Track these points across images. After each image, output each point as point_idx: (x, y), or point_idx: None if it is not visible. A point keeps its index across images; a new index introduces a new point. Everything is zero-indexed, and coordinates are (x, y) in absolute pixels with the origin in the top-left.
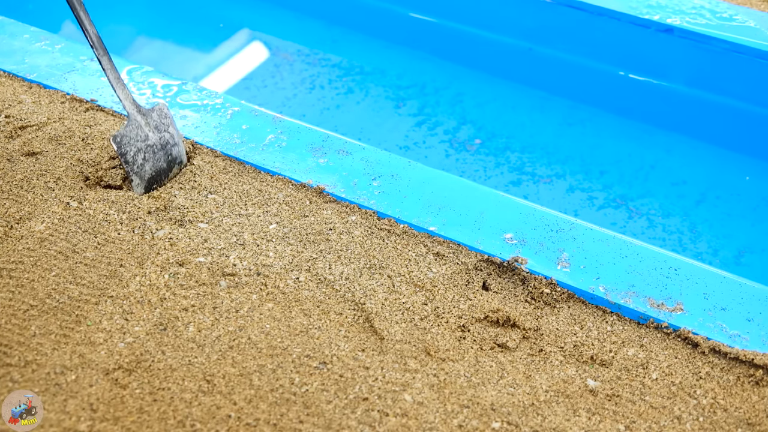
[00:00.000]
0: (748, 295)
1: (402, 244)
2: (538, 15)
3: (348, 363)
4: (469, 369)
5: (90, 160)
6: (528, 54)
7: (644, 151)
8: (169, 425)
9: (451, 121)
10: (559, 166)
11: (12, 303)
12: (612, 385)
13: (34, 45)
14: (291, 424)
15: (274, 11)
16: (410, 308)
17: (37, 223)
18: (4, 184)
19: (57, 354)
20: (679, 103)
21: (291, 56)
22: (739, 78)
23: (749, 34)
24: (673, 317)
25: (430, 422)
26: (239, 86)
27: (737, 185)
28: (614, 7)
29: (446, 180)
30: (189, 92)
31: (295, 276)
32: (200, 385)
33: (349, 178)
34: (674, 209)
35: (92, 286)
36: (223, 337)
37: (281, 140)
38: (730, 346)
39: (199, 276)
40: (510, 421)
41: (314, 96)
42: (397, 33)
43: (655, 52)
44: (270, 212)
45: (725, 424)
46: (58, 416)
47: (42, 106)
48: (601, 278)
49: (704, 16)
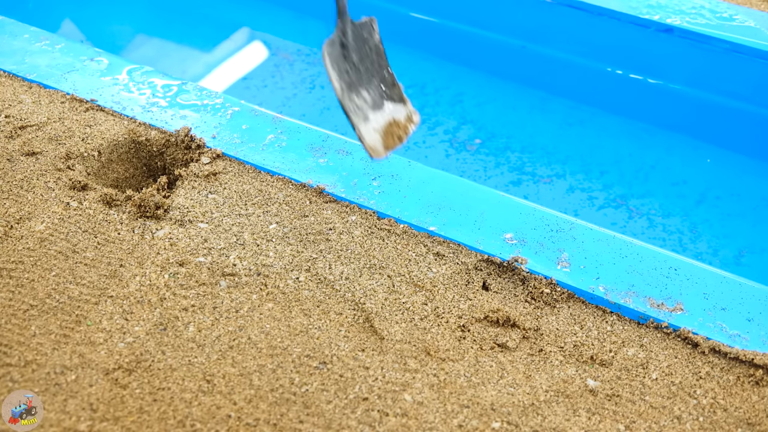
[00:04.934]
0: (748, 295)
1: (402, 244)
2: (538, 15)
3: (348, 363)
4: (469, 369)
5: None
6: (526, 53)
7: (644, 151)
8: (169, 425)
9: (451, 121)
10: (559, 166)
11: (12, 303)
12: (612, 385)
13: (34, 45)
14: (291, 424)
15: (274, 11)
16: (410, 308)
17: (37, 223)
18: (4, 184)
19: (57, 354)
20: (679, 103)
21: (291, 56)
22: (739, 78)
23: (749, 34)
24: (673, 317)
25: (430, 422)
26: (239, 86)
27: (737, 185)
28: (614, 7)
29: (446, 180)
30: (189, 92)
31: (295, 276)
32: (200, 385)
33: (349, 178)
34: (674, 209)
35: (92, 286)
36: (223, 337)
37: (281, 140)
38: (730, 346)
39: (199, 276)
40: (510, 421)
41: (314, 96)
42: (397, 33)
43: (655, 52)
44: (270, 212)
45: (725, 424)
46: (58, 416)
47: (42, 106)
48: (601, 278)
49: (704, 16)
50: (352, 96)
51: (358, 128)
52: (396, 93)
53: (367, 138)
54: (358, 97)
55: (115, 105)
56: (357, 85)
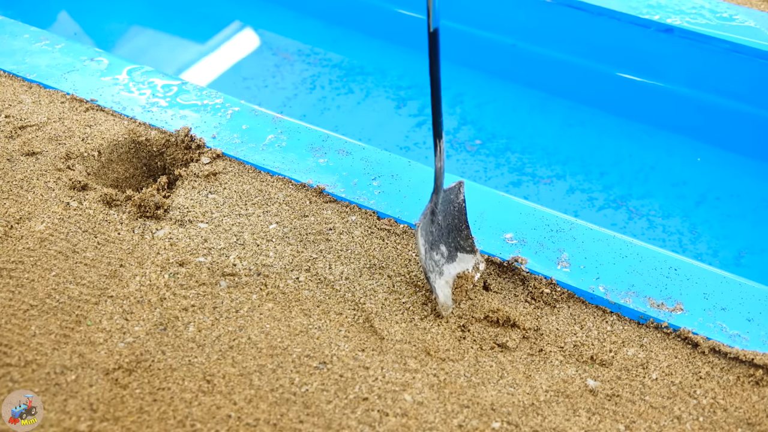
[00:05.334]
0: (748, 295)
1: (402, 244)
2: (538, 15)
3: (348, 363)
4: (469, 369)
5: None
6: (526, 53)
7: (644, 151)
8: (169, 425)
9: (451, 122)
10: (560, 167)
11: (12, 303)
12: (612, 385)
13: (34, 45)
14: (291, 424)
15: (274, 11)
16: (410, 308)
17: (37, 223)
18: (4, 184)
19: (57, 354)
20: (679, 104)
21: (291, 56)
22: (739, 78)
23: (749, 34)
24: (673, 317)
25: (430, 422)
26: (239, 86)
27: (737, 186)
28: (614, 7)
29: (446, 180)
30: (189, 92)
31: (295, 276)
32: (200, 385)
33: (349, 178)
34: (674, 210)
35: (92, 286)
36: (223, 337)
37: (281, 140)
38: (730, 346)
39: (199, 276)
40: (510, 421)
41: (314, 96)
42: (397, 33)
43: (655, 52)
44: (270, 212)
45: (725, 424)
46: (58, 416)
47: (42, 106)
48: (601, 278)
49: (704, 16)
50: (432, 254)
51: (434, 286)
52: (468, 244)
53: (440, 296)
54: (436, 253)
55: (115, 105)
56: (438, 241)
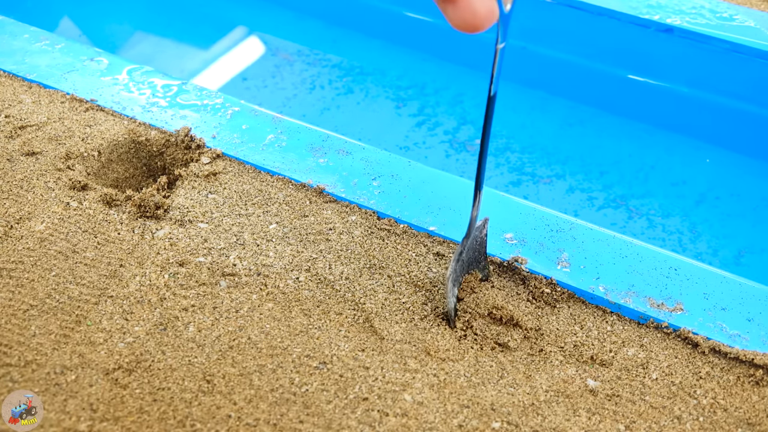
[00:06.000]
0: (748, 295)
1: (402, 244)
2: (538, 15)
3: (348, 363)
4: (469, 369)
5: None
6: (526, 53)
7: (644, 151)
8: (169, 425)
9: (451, 122)
10: (559, 167)
11: (12, 303)
12: (612, 385)
13: (34, 45)
14: (291, 424)
15: (274, 11)
16: (410, 308)
17: (37, 223)
18: (4, 184)
19: (57, 354)
20: (679, 104)
21: (291, 56)
22: (739, 78)
23: (749, 34)
24: (673, 317)
25: (430, 422)
26: (239, 86)
27: (737, 186)
28: (614, 7)
29: (446, 180)
30: (189, 92)
31: (295, 276)
32: (200, 385)
33: (349, 178)
34: (674, 209)
35: (92, 286)
36: (223, 337)
37: (281, 140)
38: (730, 346)
39: (199, 276)
40: (510, 421)
41: (314, 96)
42: (397, 33)
43: (655, 52)
44: (270, 212)
45: (725, 424)
46: (58, 416)
47: (42, 106)
48: (601, 278)
49: (704, 16)
50: (454, 290)
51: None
52: (482, 269)
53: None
54: (455, 286)
55: (115, 105)
56: (459, 277)
